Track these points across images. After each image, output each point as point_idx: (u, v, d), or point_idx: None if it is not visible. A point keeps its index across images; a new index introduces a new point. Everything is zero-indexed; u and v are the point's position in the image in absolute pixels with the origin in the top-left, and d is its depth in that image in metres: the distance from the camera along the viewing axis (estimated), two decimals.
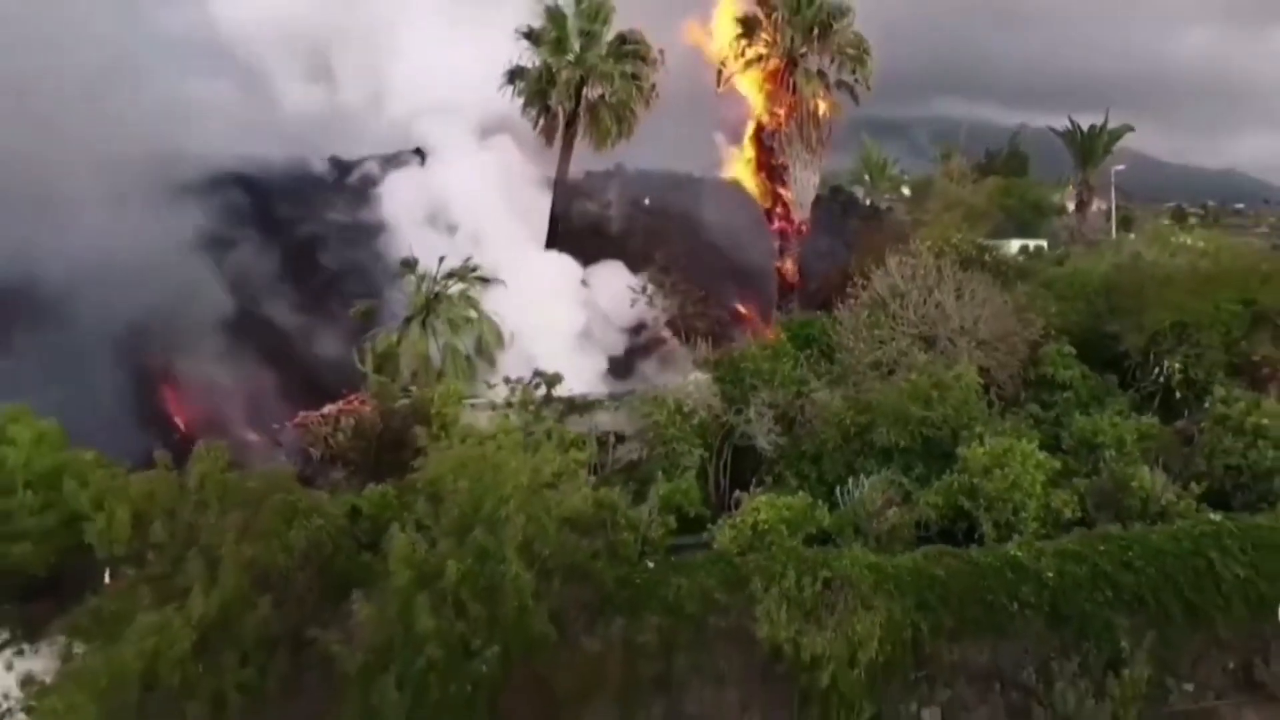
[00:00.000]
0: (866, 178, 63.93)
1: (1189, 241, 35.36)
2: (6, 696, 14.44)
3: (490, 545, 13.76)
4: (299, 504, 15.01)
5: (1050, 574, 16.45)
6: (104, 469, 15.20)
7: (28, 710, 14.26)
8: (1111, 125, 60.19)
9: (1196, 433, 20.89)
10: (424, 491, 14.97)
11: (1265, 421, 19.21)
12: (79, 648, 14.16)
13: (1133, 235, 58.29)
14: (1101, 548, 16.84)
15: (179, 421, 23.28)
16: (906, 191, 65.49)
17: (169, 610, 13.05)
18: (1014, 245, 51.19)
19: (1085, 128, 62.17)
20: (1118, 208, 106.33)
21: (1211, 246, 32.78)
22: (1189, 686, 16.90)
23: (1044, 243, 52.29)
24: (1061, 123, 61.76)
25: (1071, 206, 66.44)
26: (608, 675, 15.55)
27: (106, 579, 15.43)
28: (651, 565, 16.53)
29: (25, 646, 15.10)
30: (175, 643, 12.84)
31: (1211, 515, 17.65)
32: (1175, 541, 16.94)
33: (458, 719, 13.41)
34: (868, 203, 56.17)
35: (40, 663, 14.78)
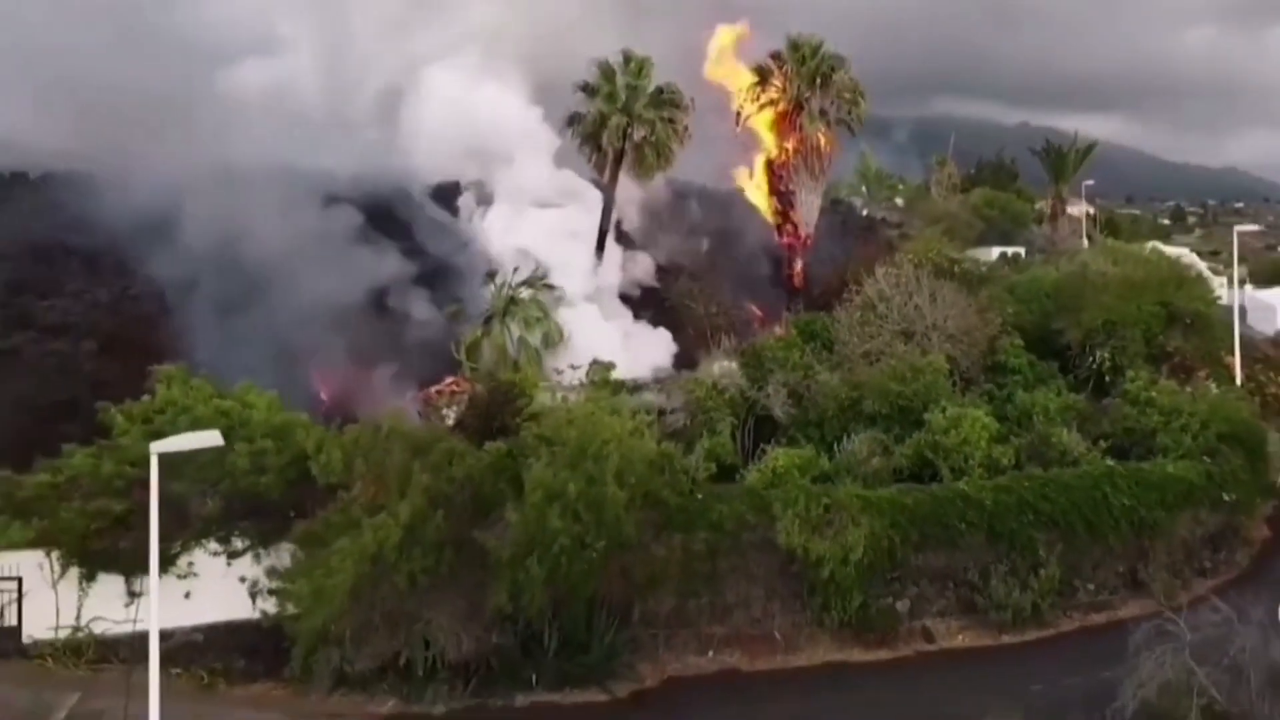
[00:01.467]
0: (864, 190, 69.96)
1: (1136, 249, 41.70)
2: (256, 583, 20.73)
3: (596, 474, 20.01)
4: (455, 449, 21.27)
5: (989, 503, 22.69)
6: (317, 425, 21.45)
7: (272, 591, 20.54)
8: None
9: (1111, 405, 27.18)
10: (543, 438, 21.19)
11: (1155, 395, 25.50)
12: (305, 548, 20.44)
13: (1109, 240, 64.82)
14: (1026, 484, 23.13)
15: (323, 395, 29.49)
16: (899, 202, 71.54)
17: (384, 516, 19.31)
18: (994, 253, 57.17)
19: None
20: (1099, 211, 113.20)
21: (1154, 256, 39.13)
22: (1090, 585, 23.20)
23: (1021, 250, 58.16)
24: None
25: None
26: (670, 572, 21.79)
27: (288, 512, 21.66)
28: (700, 497, 22.73)
29: (261, 551, 21.31)
30: (390, 536, 19.10)
31: (1108, 462, 23.93)
32: (1080, 480, 23.25)
33: (577, 589, 19.74)
34: (864, 213, 62.11)
35: (273, 562, 21.00)
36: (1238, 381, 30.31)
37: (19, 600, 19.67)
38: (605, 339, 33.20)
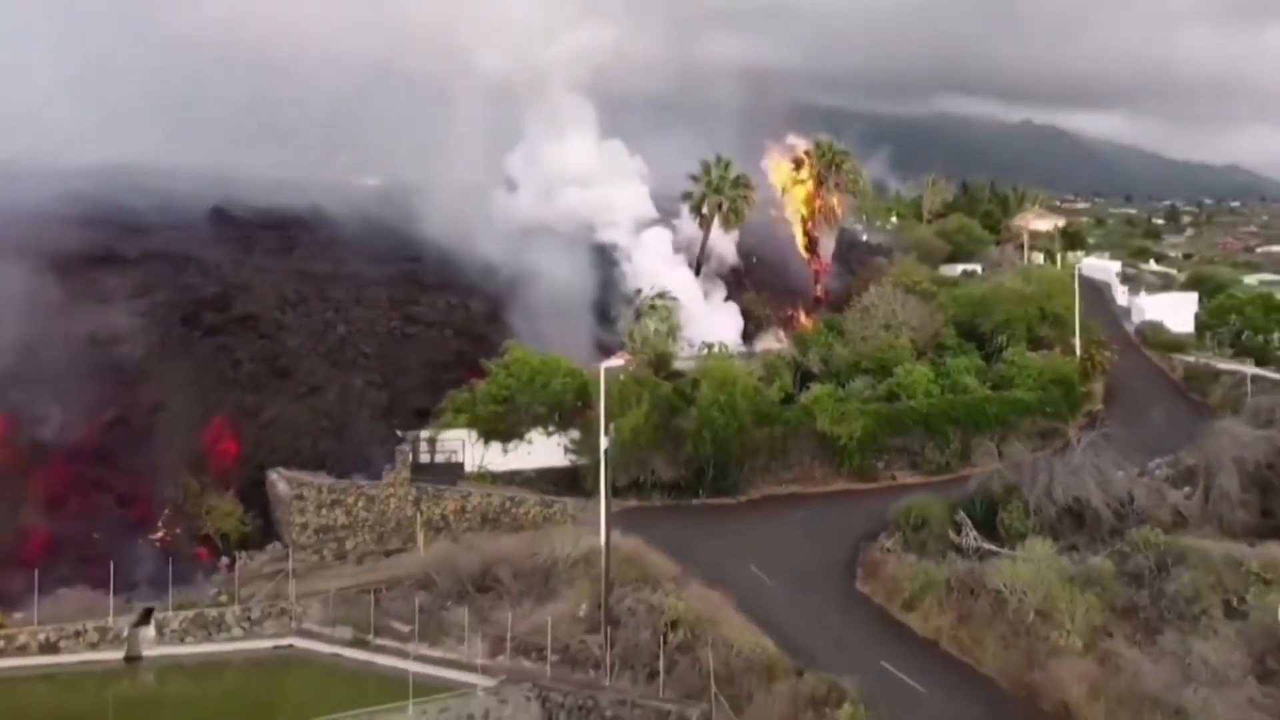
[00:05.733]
0: (864, 217, 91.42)
1: (1039, 270, 63.34)
2: (566, 447, 42.52)
3: (732, 392, 41.78)
4: (656, 382, 43.03)
5: (925, 412, 44.44)
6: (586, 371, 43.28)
7: (571, 450, 42.24)
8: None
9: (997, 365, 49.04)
10: (701, 377, 42.92)
11: (1016, 359, 47.32)
12: (582, 431, 42.20)
13: (1083, 254, 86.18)
14: (946, 403, 44.89)
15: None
16: (891, 225, 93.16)
17: (634, 410, 41.04)
18: (959, 269, 78.57)
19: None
20: (1069, 224, 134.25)
21: (1049, 275, 60.93)
22: (977, 453, 44.84)
23: (979, 267, 79.37)
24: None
25: (1026, 224, 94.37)
26: (762, 445, 43.51)
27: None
28: (777, 408, 44.40)
29: (564, 431, 43.06)
30: (638, 420, 40.83)
31: (988, 392, 45.80)
32: (972, 400, 45.06)
33: (724, 449, 41.46)
34: (864, 238, 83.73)
35: (571, 435, 42.73)
36: (1076, 354, 51.93)
37: (462, 451, 41.39)
38: (710, 327, 54.99)
